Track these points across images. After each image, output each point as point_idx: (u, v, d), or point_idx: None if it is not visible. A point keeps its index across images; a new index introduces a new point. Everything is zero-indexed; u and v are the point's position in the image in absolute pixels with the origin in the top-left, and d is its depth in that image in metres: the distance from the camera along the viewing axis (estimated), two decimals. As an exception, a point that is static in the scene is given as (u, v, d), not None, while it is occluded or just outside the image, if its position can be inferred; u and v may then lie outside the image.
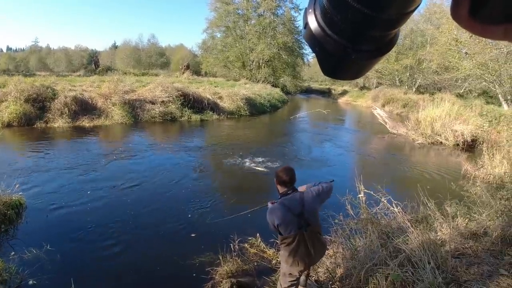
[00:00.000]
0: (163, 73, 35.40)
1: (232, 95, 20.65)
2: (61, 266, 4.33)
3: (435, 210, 4.50)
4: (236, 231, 4.94)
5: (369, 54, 0.53)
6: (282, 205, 2.87)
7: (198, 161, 9.93)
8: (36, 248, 4.56)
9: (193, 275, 4.27)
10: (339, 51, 0.53)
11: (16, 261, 4.22)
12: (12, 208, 5.46)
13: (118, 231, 5.38)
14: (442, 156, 11.99)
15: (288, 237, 2.86)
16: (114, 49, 71.69)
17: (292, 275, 3.06)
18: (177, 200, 6.69)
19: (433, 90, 30.36)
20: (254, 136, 14.59)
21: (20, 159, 9.12)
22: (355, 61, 0.54)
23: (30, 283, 3.91)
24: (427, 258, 3.31)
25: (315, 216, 2.98)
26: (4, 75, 17.90)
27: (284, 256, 2.99)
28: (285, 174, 2.96)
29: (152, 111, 16.33)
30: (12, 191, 5.75)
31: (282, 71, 42.38)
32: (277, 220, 2.81)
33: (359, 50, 0.52)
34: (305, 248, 2.91)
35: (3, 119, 12.63)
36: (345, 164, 10.66)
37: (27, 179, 7.30)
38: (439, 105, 14.74)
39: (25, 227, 5.35)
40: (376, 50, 0.53)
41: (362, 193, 4.44)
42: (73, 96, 14.77)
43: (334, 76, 0.62)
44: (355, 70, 0.59)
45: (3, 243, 4.80)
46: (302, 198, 2.92)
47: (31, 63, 66.26)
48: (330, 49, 0.53)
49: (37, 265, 4.24)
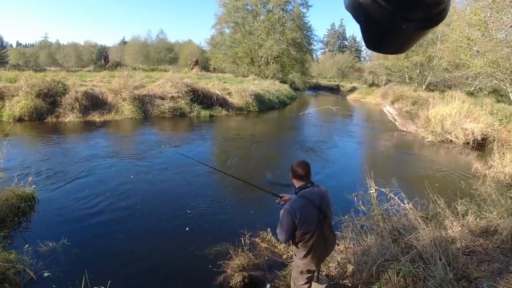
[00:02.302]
0: (172, 68, 35.49)
1: (241, 91, 20.68)
2: (75, 258, 4.40)
3: (445, 208, 4.50)
4: (246, 226, 5.00)
5: (419, 24, 0.51)
6: (303, 198, 2.84)
7: (209, 156, 10.01)
8: (50, 240, 4.65)
9: (205, 268, 4.33)
10: (388, 20, 0.51)
11: (30, 253, 4.30)
12: (25, 201, 5.56)
13: (130, 224, 5.47)
14: (452, 154, 11.89)
15: (308, 232, 2.81)
16: (123, 45, 72.00)
17: (309, 271, 3.05)
18: (188, 195, 6.75)
19: (443, 88, 29.95)
20: (263, 131, 14.66)
21: (32, 153, 9.26)
22: (404, 32, 0.52)
23: (45, 275, 3.99)
24: (438, 255, 3.31)
25: (330, 209, 2.98)
26: (14, 70, 18.07)
27: (301, 252, 2.92)
28: (302, 168, 2.94)
29: (161, 106, 16.44)
30: (25, 185, 5.86)
31: (291, 67, 42.26)
32: (299, 213, 2.75)
33: (409, 19, 0.50)
34: (323, 241, 2.90)
35: (14, 114, 12.82)
36: (354, 161, 10.65)
37: (39, 173, 7.40)
38: (449, 103, 14.57)
39: (38, 220, 5.45)
40: (427, 20, 0.51)
41: (373, 189, 4.44)
42: (83, 91, 14.94)
43: (378, 48, 0.60)
44: (402, 42, 0.57)
45: (17, 236, 4.89)
46: (321, 191, 2.92)
47: (40, 58, 66.89)
48: (378, 17, 0.51)
49: (51, 257, 4.32)
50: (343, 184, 7.90)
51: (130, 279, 4.10)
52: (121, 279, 4.01)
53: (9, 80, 14.92)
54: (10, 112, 12.85)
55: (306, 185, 2.92)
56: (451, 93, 19.11)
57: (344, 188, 7.45)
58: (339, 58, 69.62)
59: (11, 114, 12.78)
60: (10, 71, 17.49)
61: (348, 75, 62.52)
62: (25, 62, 60.31)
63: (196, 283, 4.07)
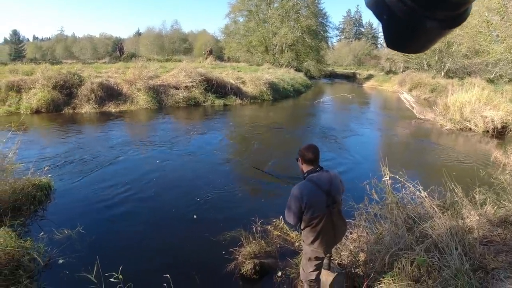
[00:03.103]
0: (186, 58, 35.56)
1: (255, 80, 20.58)
2: (89, 245, 4.48)
3: (463, 196, 4.36)
4: (258, 214, 4.99)
5: (443, 23, 0.51)
6: (311, 182, 2.79)
7: (223, 144, 10.03)
8: (65, 228, 4.74)
9: (216, 255, 4.35)
10: (412, 18, 0.50)
11: (45, 240, 4.39)
12: (41, 190, 5.67)
13: (144, 212, 5.53)
14: (470, 142, 11.58)
15: (316, 217, 2.78)
16: (138, 36, 72.51)
17: (318, 258, 3.01)
18: (200, 183, 6.77)
19: (463, 75, 29.04)
20: (278, 120, 14.59)
21: (49, 143, 9.44)
22: (427, 31, 0.52)
23: (60, 262, 4.07)
24: (454, 244, 3.22)
25: (340, 195, 2.91)
26: (31, 63, 18.39)
27: (309, 238, 2.90)
28: (311, 152, 2.87)
29: (176, 96, 16.50)
30: (41, 174, 5.96)
31: (306, 55, 41.60)
32: (306, 198, 2.71)
33: (434, 18, 0.50)
34: (331, 227, 2.86)
35: (32, 106, 13.06)
36: (370, 149, 10.48)
37: (55, 163, 7.54)
38: (468, 90, 14.17)
39: (54, 208, 5.55)
40: (451, 19, 0.51)
41: (388, 177, 4.34)
42: (99, 83, 15.11)
43: (400, 47, 0.60)
44: (423, 42, 0.57)
45: (32, 224, 5.00)
46: (329, 176, 2.86)
47: (57, 51, 67.89)
48: (402, 16, 0.51)
49: (65, 244, 4.41)
50: (358, 171, 7.81)
51: (141, 265, 4.15)
52: (133, 265, 4.07)
53: (25, 73, 15.19)
54: (28, 105, 13.09)
55: (315, 169, 2.86)
56: (471, 80, 18.53)
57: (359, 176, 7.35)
58: (355, 45, 68.47)
59: (29, 106, 13.02)
60: (27, 64, 17.78)
61: (364, 62, 61.42)
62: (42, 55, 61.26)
63: (207, 270, 4.08)
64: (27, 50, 64.00)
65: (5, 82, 13.61)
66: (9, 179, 5.30)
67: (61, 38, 74.35)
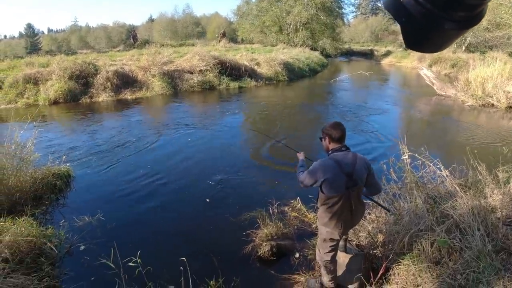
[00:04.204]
0: (200, 42, 35.37)
1: (270, 61, 20.30)
2: (109, 231, 4.56)
3: (486, 175, 4.19)
4: (275, 195, 4.98)
5: (460, 24, 0.52)
6: (334, 161, 2.72)
7: (242, 125, 10.09)
8: (85, 215, 4.84)
9: (233, 237, 4.37)
10: (431, 20, 0.52)
11: (65, 228, 4.48)
12: (61, 179, 5.78)
13: (163, 197, 5.60)
14: (493, 119, 11.16)
15: (334, 197, 2.72)
16: (151, 22, 72.51)
17: (333, 240, 2.97)
18: (216, 166, 6.77)
19: (484, 49, 27.85)
20: (294, 100, 14.46)
21: (68, 132, 9.60)
22: (445, 31, 0.53)
23: (81, 249, 4.16)
24: (476, 225, 3.11)
25: (363, 179, 2.81)
26: (47, 55, 18.60)
27: (324, 218, 2.85)
28: (339, 129, 2.80)
29: (190, 80, 16.45)
30: (60, 163, 6.06)
31: (321, 33, 40.60)
32: (325, 175, 2.65)
33: (452, 19, 0.51)
34: (349, 209, 2.80)
35: (49, 97, 13.24)
36: (388, 126, 10.23)
37: (74, 151, 7.66)
38: (490, 65, 13.70)
39: (74, 196, 5.65)
40: (468, 20, 0.53)
41: (407, 155, 4.20)
42: (114, 71, 15.18)
43: (419, 48, 0.62)
44: (442, 42, 0.58)
45: (54, 212, 5.11)
46: (355, 157, 2.78)
47: (72, 42, 68.68)
48: (420, 18, 0.52)
49: (85, 231, 4.50)
50: (376, 150, 7.69)
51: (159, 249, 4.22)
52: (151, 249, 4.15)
53: (41, 65, 15.37)
54: (46, 96, 13.27)
55: (341, 148, 2.79)
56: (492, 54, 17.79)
57: (377, 155, 7.24)
58: (372, 21, 66.37)
59: (47, 98, 13.20)
60: (42, 56, 17.99)
61: (382, 38, 59.73)
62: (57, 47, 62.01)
63: (224, 252, 4.10)
64: (43, 43, 64.82)
65: (22, 75, 13.80)
66: (28, 169, 5.40)
67: (75, 29, 75.10)
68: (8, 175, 4.92)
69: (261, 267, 3.87)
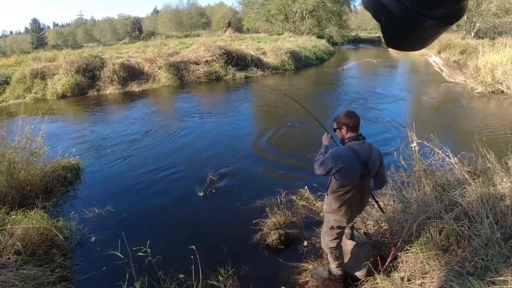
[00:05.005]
0: (205, 33, 35.11)
1: (276, 50, 20.11)
2: (120, 223, 4.63)
3: (496, 162, 4.15)
4: (283, 185, 5.03)
5: (440, 21, 0.52)
6: (352, 150, 2.73)
7: (251, 114, 10.17)
8: (95, 207, 4.92)
9: (241, 226, 4.42)
10: (411, 18, 0.51)
11: (76, 219, 4.57)
12: (71, 171, 5.86)
13: (171, 187, 5.66)
14: (503, 106, 10.97)
15: (347, 186, 2.75)
16: (156, 14, 72.04)
17: (340, 227, 3.01)
18: (223, 156, 6.81)
19: (494, 35, 27.22)
20: (301, 88, 14.42)
21: (76, 126, 9.68)
22: (425, 29, 0.53)
23: (92, 240, 4.23)
24: (485, 212, 3.09)
25: (375, 168, 2.84)
26: (53, 50, 18.63)
27: (333, 205, 2.87)
28: (353, 117, 2.80)
29: (196, 71, 16.40)
30: (70, 156, 6.13)
31: (328, 21, 40.02)
32: (342, 163, 2.67)
33: (431, 16, 0.51)
34: (359, 198, 2.85)
35: (57, 91, 13.30)
36: (397, 113, 10.13)
37: (83, 144, 7.73)
38: (500, 51, 13.50)
39: (84, 188, 5.74)
40: (448, 17, 0.52)
41: (415, 143, 4.17)
42: (120, 63, 15.17)
43: (400, 46, 0.62)
44: (423, 39, 0.58)
45: (64, 204, 5.19)
46: (371, 148, 2.81)
47: (78, 36, 68.46)
48: (400, 16, 0.52)
49: (96, 222, 4.57)
50: (384, 137, 7.67)
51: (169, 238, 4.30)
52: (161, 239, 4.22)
53: (48, 60, 15.40)
54: (53, 90, 13.32)
55: (358, 137, 2.80)
56: (502, 40, 17.42)
57: (386, 142, 7.19)
58: (379, 6, 65.39)
59: (54, 92, 13.26)
60: (48, 51, 18.02)
61: (389, 24, 58.80)
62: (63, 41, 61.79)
63: (232, 241, 4.14)
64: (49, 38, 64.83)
65: (29, 70, 13.86)
66: (39, 162, 5.47)
67: (81, 23, 74.85)
68: (18, 169, 4.99)
69: (270, 255, 3.90)
